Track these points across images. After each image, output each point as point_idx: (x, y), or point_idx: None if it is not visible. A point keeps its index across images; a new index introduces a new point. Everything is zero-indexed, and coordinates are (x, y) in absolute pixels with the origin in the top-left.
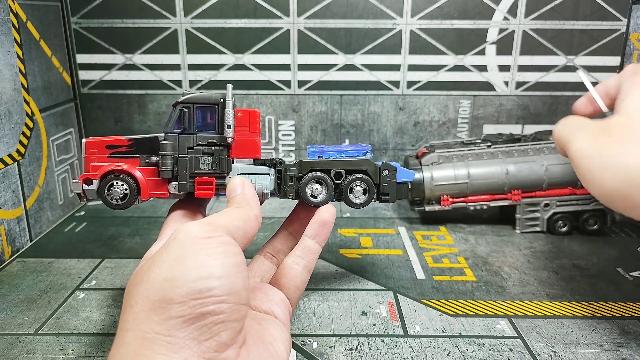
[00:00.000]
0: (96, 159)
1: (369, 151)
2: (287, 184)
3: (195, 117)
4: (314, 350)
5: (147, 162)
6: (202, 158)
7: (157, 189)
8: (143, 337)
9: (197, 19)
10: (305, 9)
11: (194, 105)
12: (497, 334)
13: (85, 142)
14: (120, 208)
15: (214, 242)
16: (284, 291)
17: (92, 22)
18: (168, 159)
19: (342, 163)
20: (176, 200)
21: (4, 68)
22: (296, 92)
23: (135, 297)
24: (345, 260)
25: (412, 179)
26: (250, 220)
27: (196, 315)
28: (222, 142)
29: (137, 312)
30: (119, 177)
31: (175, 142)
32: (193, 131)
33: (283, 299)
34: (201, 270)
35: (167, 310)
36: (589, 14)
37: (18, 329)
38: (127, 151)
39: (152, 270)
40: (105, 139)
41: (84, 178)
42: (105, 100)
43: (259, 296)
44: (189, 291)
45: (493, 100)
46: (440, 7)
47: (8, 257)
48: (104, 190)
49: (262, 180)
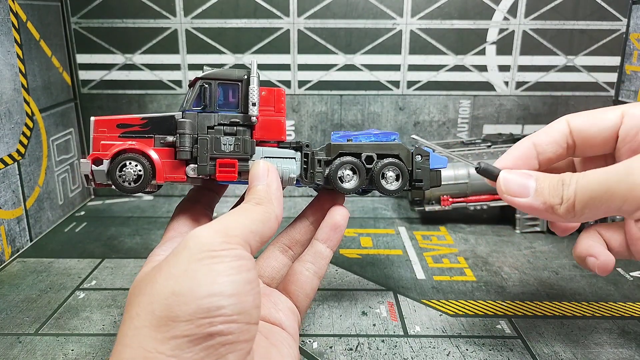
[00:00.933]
0: (106, 139)
1: (396, 137)
2: (314, 169)
3: (216, 94)
4: (314, 351)
5: (162, 143)
6: (224, 138)
7: (173, 172)
8: (144, 357)
9: (197, 19)
10: (305, 9)
11: (216, 82)
12: (497, 334)
13: (94, 121)
14: (133, 192)
15: (227, 256)
16: (292, 299)
17: (92, 22)
18: (187, 139)
19: (373, 147)
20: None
21: (4, 68)
22: (296, 92)
23: (137, 309)
24: (345, 260)
25: (445, 165)
26: (269, 222)
27: (203, 335)
28: (245, 121)
29: (139, 326)
30: (132, 157)
31: (194, 121)
32: (214, 109)
33: (292, 309)
34: (212, 287)
35: (173, 328)
36: (589, 14)
37: (18, 329)
38: (141, 130)
39: (158, 281)
40: (116, 117)
41: (93, 158)
42: (105, 100)
43: (266, 304)
44: (196, 309)
45: (493, 100)
46: (440, 7)
47: (8, 257)
48: (115, 171)
49: (287, 164)
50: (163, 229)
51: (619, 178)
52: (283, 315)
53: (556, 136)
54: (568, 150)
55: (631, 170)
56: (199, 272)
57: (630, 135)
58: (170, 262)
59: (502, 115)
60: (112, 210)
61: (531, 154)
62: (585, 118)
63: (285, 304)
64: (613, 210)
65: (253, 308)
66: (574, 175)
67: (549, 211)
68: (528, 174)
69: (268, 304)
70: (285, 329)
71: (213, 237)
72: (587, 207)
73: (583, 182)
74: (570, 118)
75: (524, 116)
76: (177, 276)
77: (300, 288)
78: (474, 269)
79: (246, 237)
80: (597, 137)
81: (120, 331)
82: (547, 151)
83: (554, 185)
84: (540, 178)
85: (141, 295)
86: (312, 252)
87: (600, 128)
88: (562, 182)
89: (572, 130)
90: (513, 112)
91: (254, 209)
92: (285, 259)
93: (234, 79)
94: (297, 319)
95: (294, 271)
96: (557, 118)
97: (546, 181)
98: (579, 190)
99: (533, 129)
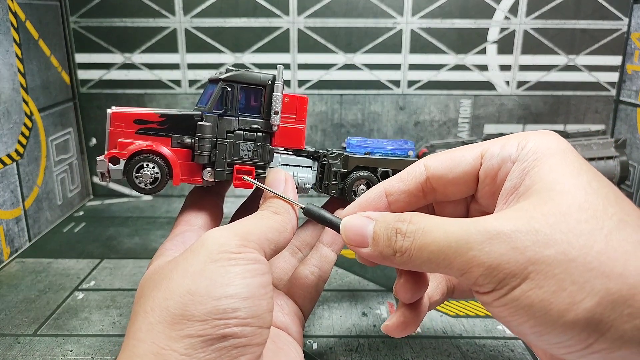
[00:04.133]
0: (122, 134)
1: (412, 149)
2: (330, 180)
3: (238, 98)
4: (314, 352)
5: (179, 143)
6: (243, 144)
7: (189, 175)
8: (157, 353)
9: (196, 18)
10: (305, 8)
11: (238, 85)
12: (498, 334)
13: (110, 114)
14: (149, 193)
15: (243, 259)
16: (297, 302)
17: (91, 21)
18: (206, 143)
19: (390, 162)
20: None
21: (2, 68)
22: (296, 92)
23: (151, 304)
24: (345, 261)
25: None
26: (285, 232)
27: (217, 336)
28: (266, 128)
29: (153, 322)
30: (150, 158)
31: (214, 124)
32: (235, 114)
33: (297, 313)
34: (227, 288)
35: (187, 327)
36: (590, 13)
37: (17, 329)
38: (158, 128)
39: (174, 277)
40: (134, 110)
41: (110, 156)
42: (104, 99)
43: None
44: (212, 309)
45: (494, 99)
46: (440, 7)
47: (7, 258)
48: (132, 171)
49: (303, 173)
50: (162, 230)
51: (457, 250)
52: (289, 319)
53: (410, 185)
54: (427, 197)
55: (470, 245)
56: (215, 272)
57: (490, 177)
58: (187, 260)
59: (503, 115)
60: (111, 211)
61: (381, 203)
62: (443, 162)
63: (291, 308)
64: (452, 276)
65: (266, 312)
66: (414, 222)
67: (387, 261)
68: (369, 217)
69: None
70: (291, 334)
71: (231, 238)
72: (424, 265)
73: (421, 242)
74: (428, 162)
75: (525, 116)
76: (194, 275)
77: (305, 292)
78: None
79: (262, 243)
80: (456, 182)
81: (133, 325)
82: (399, 200)
83: (389, 234)
84: (379, 220)
85: (156, 290)
86: (317, 256)
87: (458, 172)
88: (396, 232)
89: (429, 176)
90: (514, 111)
91: (272, 217)
92: (294, 260)
93: (258, 83)
94: (302, 324)
95: (299, 274)
96: (558, 118)
97: (382, 226)
98: (415, 248)
99: (534, 128)
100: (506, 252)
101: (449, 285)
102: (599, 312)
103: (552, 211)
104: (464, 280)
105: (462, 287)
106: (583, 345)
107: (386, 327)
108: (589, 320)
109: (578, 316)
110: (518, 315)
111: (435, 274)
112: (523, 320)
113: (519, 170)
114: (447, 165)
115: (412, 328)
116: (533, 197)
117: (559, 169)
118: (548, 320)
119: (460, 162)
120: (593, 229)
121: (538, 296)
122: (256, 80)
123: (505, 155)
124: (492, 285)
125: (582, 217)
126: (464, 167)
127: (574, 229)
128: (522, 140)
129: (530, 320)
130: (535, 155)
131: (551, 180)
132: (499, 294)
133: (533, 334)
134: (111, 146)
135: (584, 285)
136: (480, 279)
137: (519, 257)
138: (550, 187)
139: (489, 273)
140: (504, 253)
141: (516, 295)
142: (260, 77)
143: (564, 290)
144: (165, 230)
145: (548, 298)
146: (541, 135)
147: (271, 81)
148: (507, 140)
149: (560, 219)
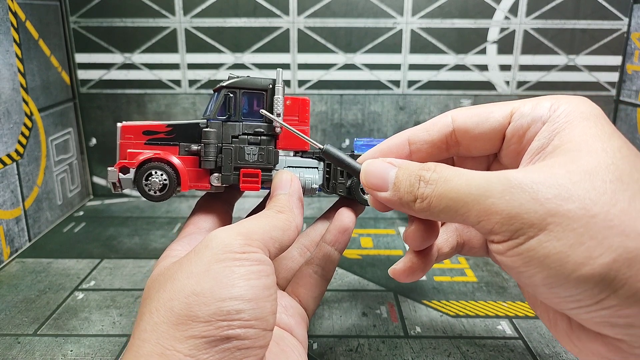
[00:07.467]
0: (132, 146)
1: None
2: (337, 179)
3: (241, 104)
4: (315, 352)
5: (187, 151)
6: (248, 148)
7: (197, 181)
8: (162, 353)
9: (196, 18)
10: (305, 8)
11: (240, 91)
12: (498, 334)
13: (120, 127)
14: (158, 200)
15: (247, 259)
16: (301, 302)
17: (91, 21)
18: (211, 148)
19: None
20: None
21: (2, 68)
22: (296, 92)
23: (156, 304)
24: (345, 261)
25: None
26: (289, 231)
27: (221, 337)
28: (269, 131)
29: (158, 322)
30: (158, 166)
31: (219, 130)
32: (239, 119)
33: (301, 314)
34: (232, 289)
35: (191, 327)
36: (590, 13)
37: (17, 329)
38: (166, 138)
39: (178, 278)
40: (143, 123)
41: (120, 166)
42: (104, 99)
43: (278, 309)
44: (216, 311)
45: (494, 99)
46: (440, 6)
47: (7, 258)
48: (142, 180)
49: (310, 174)
50: (162, 230)
51: (477, 198)
52: (294, 321)
53: (435, 136)
54: (450, 150)
55: (490, 193)
56: (220, 273)
57: (517, 136)
58: (192, 260)
59: None
60: (111, 211)
61: (403, 151)
62: (471, 117)
63: (295, 309)
64: (469, 224)
65: (270, 314)
66: (437, 172)
67: (405, 207)
68: (391, 163)
69: (279, 308)
70: (295, 335)
71: (235, 238)
72: (443, 213)
73: (442, 189)
74: (456, 115)
75: None
76: (198, 275)
77: (309, 291)
78: (475, 269)
79: (266, 242)
80: (482, 138)
81: (138, 325)
82: (421, 150)
83: (411, 180)
84: (402, 167)
85: (161, 291)
86: (321, 255)
87: (485, 128)
88: (419, 179)
89: (455, 129)
90: None
91: (275, 216)
92: (302, 261)
93: (259, 88)
94: (306, 325)
95: (303, 274)
96: None
97: (406, 173)
98: (436, 195)
99: None
100: (526, 202)
101: (459, 240)
102: (614, 269)
103: (578, 170)
104: (479, 228)
105: (471, 243)
106: (594, 300)
107: (393, 270)
108: (603, 275)
109: (593, 271)
110: (532, 266)
111: (447, 227)
112: (536, 271)
113: (549, 131)
114: (474, 120)
115: (419, 275)
116: (560, 156)
117: (590, 131)
118: (562, 273)
119: (489, 118)
120: (617, 189)
121: (555, 248)
122: (257, 85)
123: (536, 115)
124: (508, 234)
125: (608, 178)
126: (491, 123)
127: (598, 187)
128: (555, 102)
129: (543, 272)
130: (567, 117)
131: (580, 141)
132: (514, 243)
133: (544, 285)
134: (122, 157)
135: (602, 241)
136: (496, 226)
137: (539, 208)
138: (579, 148)
139: (506, 221)
140: (524, 203)
141: (532, 246)
142: (261, 82)
143: (582, 244)
144: (165, 231)
145: (565, 251)
146: (574, 99)
147: (271, 85)
148: (539, 101)
149: (584, 177)
